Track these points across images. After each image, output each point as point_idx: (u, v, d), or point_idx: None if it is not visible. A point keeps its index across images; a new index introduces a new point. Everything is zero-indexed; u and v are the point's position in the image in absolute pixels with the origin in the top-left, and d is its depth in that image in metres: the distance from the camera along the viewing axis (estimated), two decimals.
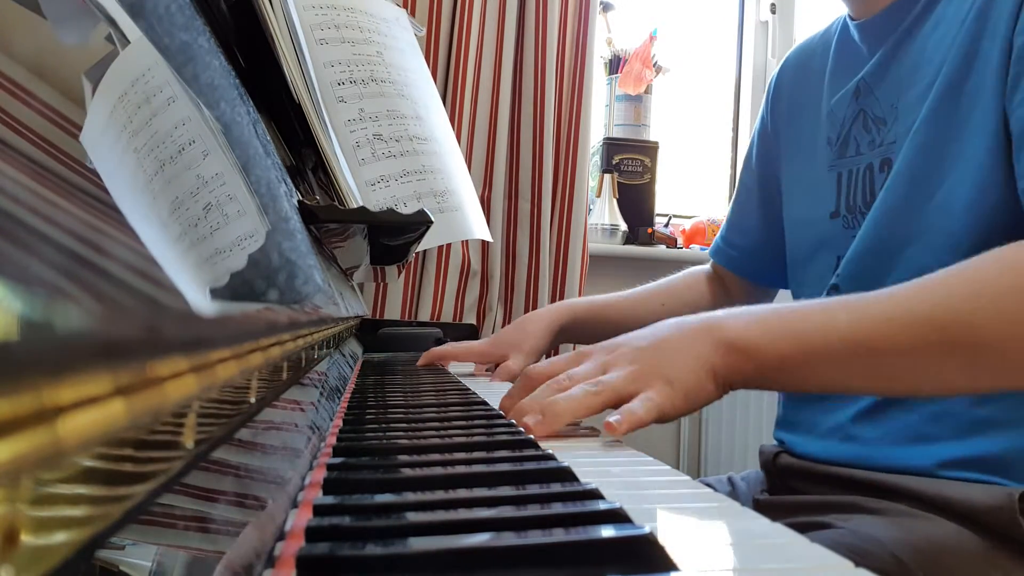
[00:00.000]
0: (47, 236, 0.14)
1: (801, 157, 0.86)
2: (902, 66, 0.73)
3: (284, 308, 0.33)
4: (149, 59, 0.31)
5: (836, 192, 0.78)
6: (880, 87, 0.75)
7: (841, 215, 0.78)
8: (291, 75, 0.69)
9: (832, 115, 0.81)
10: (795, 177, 0.87)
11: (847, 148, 0.78)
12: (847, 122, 0.78)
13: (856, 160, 0.76)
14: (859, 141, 0.77)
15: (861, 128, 0.76)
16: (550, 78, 1.75)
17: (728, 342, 0.53)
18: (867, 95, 0.76)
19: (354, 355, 0.98)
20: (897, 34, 0.73)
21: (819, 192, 0.80)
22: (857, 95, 0.78)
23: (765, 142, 0.96)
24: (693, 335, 0.54)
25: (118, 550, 0.16)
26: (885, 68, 0.75)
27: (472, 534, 0.26)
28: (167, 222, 0.25)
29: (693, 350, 0.53)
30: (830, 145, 0.80)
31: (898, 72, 0.73)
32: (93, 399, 0.13)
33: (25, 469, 0.11)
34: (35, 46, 0.23)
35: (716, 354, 0.53)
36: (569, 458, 0.38)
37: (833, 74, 0.83)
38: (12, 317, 0.10)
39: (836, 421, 0.74)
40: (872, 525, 0.63)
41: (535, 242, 1.77)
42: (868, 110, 0.76)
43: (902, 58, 0.73)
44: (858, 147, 0.77)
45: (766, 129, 0.95)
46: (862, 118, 0.77)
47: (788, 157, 0.90)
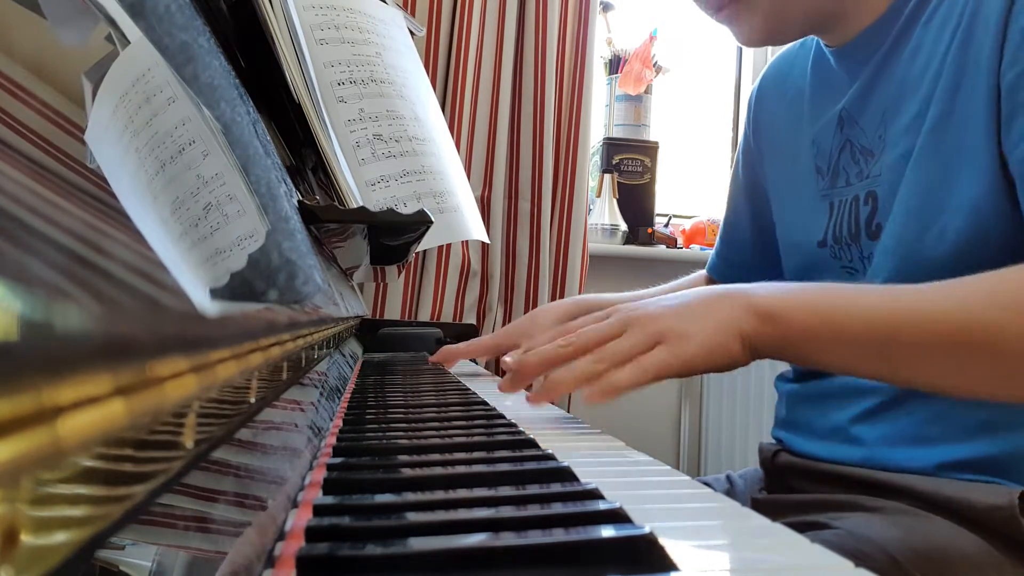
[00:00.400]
0: (47, 236, 0.14)
1: (789, 183, 0.85)
2: (885, 95, 0.71)
3: (284, 308, 0.33)
4: (149, 59, 0.31)
5: (827, 221, 0.77)
6: (864, 117, 0.73)
7: (828, 245, 0.77)
8: (291, 75, 0.69)
9: (818, 144, 0.79)
10: (785, 202, 0.86)
11: (838, 178, 0.77)
12: (834, 152, 0.77)
13: (846, 191, 0.75)
14: (848, 172, 0.75)
15: (849, 159, 0.75)
16: (550, 78, 1.75)
17: (756, 307, 0.56)
18: (851, 125, 0.75)
19: (354, 355, 0.98)
20: (876, 60, 0.72)
21: (810, 220, 0.79)
22: (841, 125, 0.76)
23: (750, 159, 0.95)
24: (720, 300, 0.57)
25: (118, 550, 0.16)
26: (867, 97, 0.73)
27: (472, 534, 0.26)
28: (167, 222, 0.25)
29: (720, 312, 0.56)
30: (820, 175, 0.79)
31: (881, 101, 0.72)
32: (93, 399, 0.13)
33: (25, 469, 0.11)
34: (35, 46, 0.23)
35: (744, 318, 0.55)
36: (569, 458, 0.38)
37: (813, 99, 0.81)
38: (12, 317, 0.10)
39: (836, 422, 0.74)
40: (870, 525, 0.63)
41: (535, 242, 1.77)
42: (854, 140, 0.74)
43: (884, 86, 0.71)
44: (847, 177, 0.75)
45: (749, 147, 0.95)
46: (849, 148, 0.75)
47: (775, 181, 0.89)
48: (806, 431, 0.78)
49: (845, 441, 0.72)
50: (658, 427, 2.03)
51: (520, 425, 0.51)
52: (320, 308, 0.45)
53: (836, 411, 0.74)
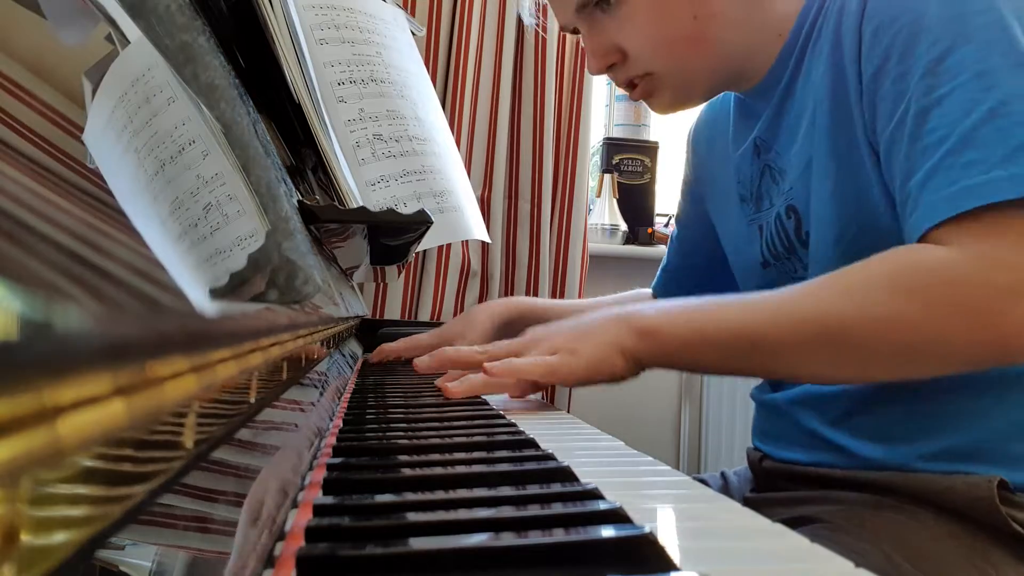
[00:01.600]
0: (47, 236, 0.14)
1: (726, 212, 0.90)
2: (790, 116, 0.76)
3: (284, 308, 0.33)
4: (149, 59, 0.31)
5: (760, 244, 0.82)
6: (776, 142, 0.78)
7: (770, 264, 0.81)
8: (291, 75, 0.69)
9: (740, 172, 0.85)
10: (727, 230, 0.91)
11: (762, 202, 0.82)
12: (755, 178, 0.82)
13: (770, 212, 0.80)
14: (771, 194, 0.80)
15: (770, 182, 0.80)
16: (550, 78, 1.75)
17: (636, 326, 0.63)
18: (766, 151, 0.80)
19: (354, 355, 0.98)
20: (780, 89, 0.77)
21: (746, 246, 0.84)
22: (758, 152, 0.81)
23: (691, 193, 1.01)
24: (607, 322, 0.65)
25: (118, 550, 0.16)
26: (776, 121, 0.78)
27: (472, 534, 0.26)
28: (167, 222, 0.25)
29: (606, 333, 0.64)
30: (744, 202, 0.84)
31: (787, 123, 0.77)
32: (93, 399, 0.13)
33: (25, 469, 0.11)
34: (35, 46, 0.23)
35: (627, 337, 0.63)
36: (569, 458, 0.38)
37: (734, 136, 0.87)
38: (12, 317, 0.10)
39: (809, 429, 0.75)
40: (861, 520, 0.65)
41: (535, 242, 1.77)
42: (771, 164, 0.79)
43: (788, 110, 0.76)
44: (771, 199, 0.80)
45: (690, 182, 1.01)
46: (768, 172, 0.80)
47: (716, 212, 0.94)
48: (784, 440, 0.79)
49: (822, 446, 0.74)
50: (658, 427, 2.03)
51: (520, 425, 0.51)
52: (320, 308, 0.45)
53: (808, 419, 0.75)
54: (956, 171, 0.58)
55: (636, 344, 0.63)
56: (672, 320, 0.63)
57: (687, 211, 1.02)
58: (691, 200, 1.00)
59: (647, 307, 0.66)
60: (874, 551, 0.60)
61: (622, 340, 0.63)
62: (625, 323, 0.64)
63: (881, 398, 0.70)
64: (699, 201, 0.98)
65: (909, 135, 0.61)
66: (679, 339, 0.63)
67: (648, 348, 0.63)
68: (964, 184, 0.57)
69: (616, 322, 0.64)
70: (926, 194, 0.59)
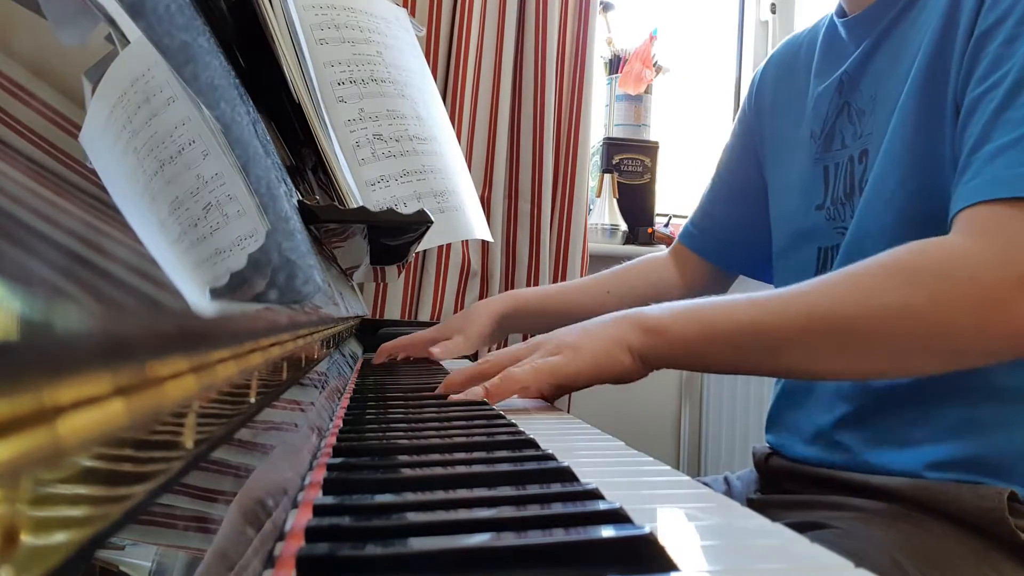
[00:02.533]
0: (47, 236, 0.14)
1: (786, 152, 0.86)
2: (883, 58, 0.73)
3: (284, 308, 0.33)
4: (149, 59, 0.31)
5: (824, 185, 0.79)
6: (863, 80, 0.76)
7: (826, 207, 0.78)
8: (291, 75, 0.69)
9: (816, 108, 0.81)
10: (781, 172, 0.88)
11: (832, 142, 0.79)
12: (831, 116, 0.79)
13: (841, 153, 0.77)
14: (844, 134, 0.77)
15: (846, 121, 0.77)
16: (550, 78, 1.75)
17: (642, 323, 0.63)
18: (851, 88, 0.77)
19: (354, 355, 0.98)
20: (882, 27, 0.74)
21: (807, 186, 0.81)
22: (840, 89, 0.78)
23: (744, 137, 0.97)
24: (615, 322, 0.64)
25: (118, 550, 0.16)
26: (867, 61, 0.75)
27: (472, 534, 0.26)
28: (167, 222, 0.25)
29: (613, 330, 0.63)
30: (813, 139, 0.81)
31: (879, 64, 0.74)
32: (93, 399, 0.13)
33: (25, 469, 0.11)
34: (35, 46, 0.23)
35: (633, 334, 0.63)
36: (569, 458, 0.38)
37: (818, 69, 0.84)
38: (12, 317, 0.10)
39: (819, 426, 0.74)
40: (867, 525, 0.64)
41: (535, 242, 1.77)
42: (852, 102, 0.77)
43: (884, 50, 0.74)
44: (843, 140, 0.77)
45: (746, 123, 0.97)
46: (846, 111, 0.77)
47: (772, 153, 0.90)
48: (793, 433, 0.79)
49: (830, 445, 0.73)
50: (658, 427, 2.03)
51: (520, 425, 0.51)
52: (320, 308, 0.45)
53: (820, 415, 0.75)
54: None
55: (643, 341, 0.62)
56: (679, 317, 0.63)
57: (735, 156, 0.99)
58: (743, 144, 0.97)
59: (653, 307, 0.65)
60: (880, 556, 0.60)
61: (628, 338, 0.62)
62: (631, 321, 0.63)
63: (892, 402, 0.69)
64: (753, 143, 0.95)
65: (997, 103, 0.59)
66: (686, 336, 0.62)
67: (655, 345, 0.62)
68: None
69: (622, 320, 0.64)
70: (992, 167, 0.57)
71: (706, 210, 1.03)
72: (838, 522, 0.65)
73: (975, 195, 0.57)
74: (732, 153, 1.00)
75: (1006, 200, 0.56)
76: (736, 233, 0.98)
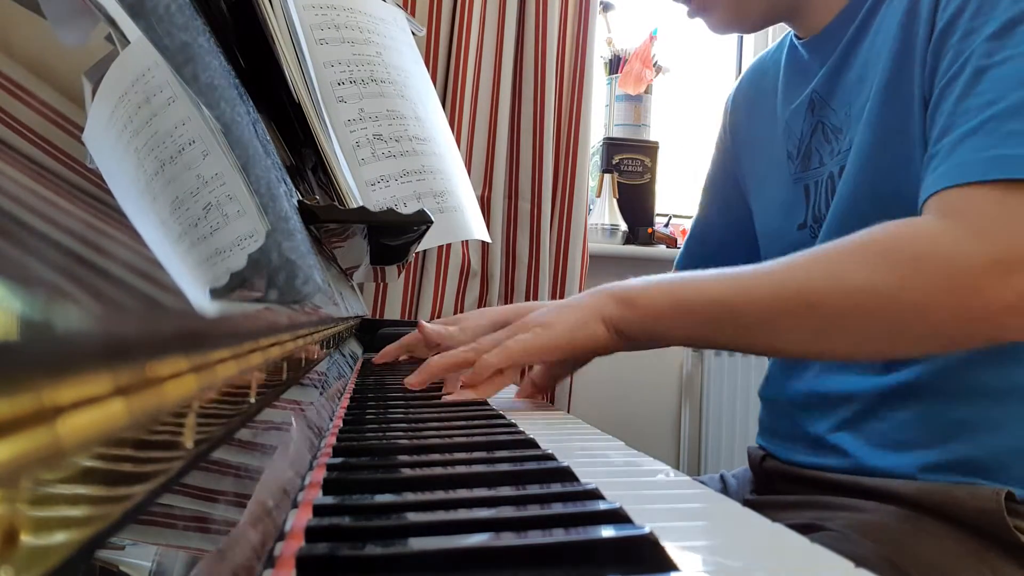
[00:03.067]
0: (47, 236, 0.14)
1: (765, 174, 0.87)
2: (850, 74, 0.74)
3: (284, 308, 0.33)
4: (149, 59, 0.31)
5: (805, 204, 0.79)
6: (833, 98, 0.76)
7: (808, 225, 0.79)
8: (291, 75, 0.69)
9: (789, 129, 0.82)
10: (761, 193, 0.88)
11: (810, 160, 0.79)
12: (806, 135, 0.79)
13: (820, 171, 0.77)
14: (821, 152, 0.77)
15: (821, 139, 0.77)
16: (550, 78, 1.75)
17: (616, 295, 0.64)
18: (822, 107, 0.77)
19: (354, 355, 0.98)
20: (844, 42, 0.74)
21: (788, 206, 0.82)
22: (812, 108, 0.79)
23: (723, 160, 0.98)
24: (590, 294, 0.66)
25: (118, 550, 0.16)
26: (835, 79, 0.75)
27: (472, 534, 0.26)
28: (167, 222, 0.25)
29: (587, 303, 0.65)
30: (791, 159, 0.81)
31: (848, 80, 0.74)
32: (93, 399, 0.13)
33: (25, 469, 0.11)
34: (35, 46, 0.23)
35: (606, 304, 0.64)
36: (569, 458, 0.38)
37: (785, 89, 0.84)
38: (12, 317, 0.10)
39: (815, 432, 0.74)
40: (864, 526, 0.64)
41: (535, 242, 1.77)
42: (825, 121, 0.77)
43: (850, 66, 0.74)
44: (821, 158, 0.77)
45: (724, 149, 0.97)
46: (821, 129, 0.78)
47: (751, 175, 0.91)
48: (788, 439, 0.78)
49: (826, 450, 0.73)
50: (658, 427, 2.03)
51: (520, 425, 0.51)
52: (320, 308, 0.45)
53: (814, 422, 0.74)
54: (995, 138, 0.56)
55: (616, 312, 0.63)
56: (651, 290, 0.64)
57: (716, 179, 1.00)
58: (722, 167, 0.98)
59: (630, 281, 0.66)
60: (878, 556, 0.60)
61: (603, 309, 0.63)
62: (606, 293, 0.65)
63: (889, 403, 0.69)
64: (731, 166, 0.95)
65: (959, 93, 0.60)
66: (657, 308, 0.63)
67: (628, 316, 0.63)
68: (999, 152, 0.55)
69: (599, 292, 0.65)
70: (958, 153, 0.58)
71: (695, 234, 1.05)
72: (834, 523, 0.65)
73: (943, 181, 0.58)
74: (714, 177, 1.01)
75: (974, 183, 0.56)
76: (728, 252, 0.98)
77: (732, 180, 0.95)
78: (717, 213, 1.00)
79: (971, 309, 0.53)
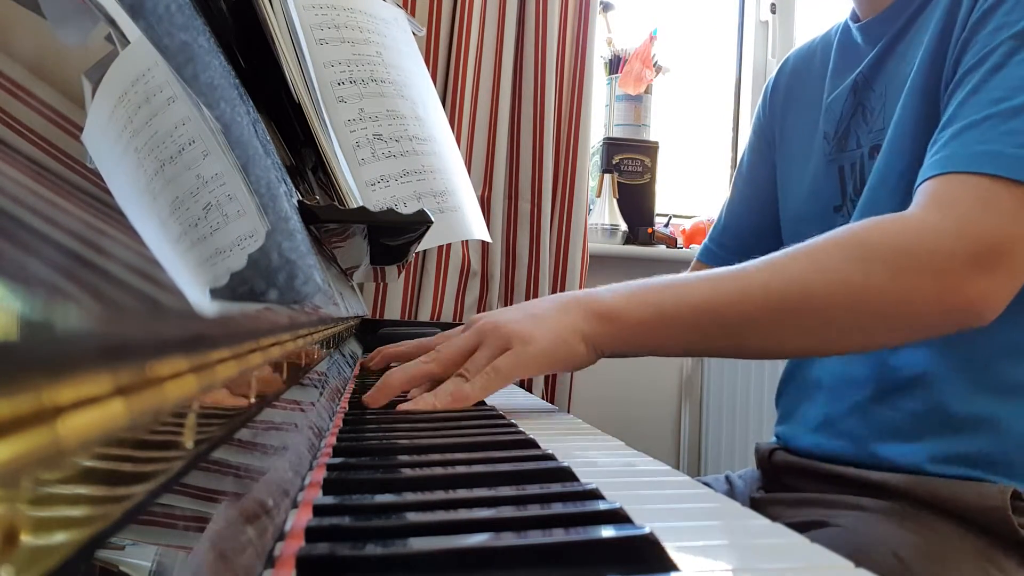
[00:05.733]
0: (47, 236, 0.14)
1: (799, 154, 0.87)
2: (895, 58, 0.75)
3: (284, 308, 0.33)
4: (149, 59, 0.31)
5: (840, 185, 0.79)
6: (876, 80, 0.76)
7: (845, 208, 0.79)
8: (291, 75, 0.69)
9: (830, 110, 0.82)
10: (794, 174, 0.88)
11: (847, 141, 0.79)
12: (846, 116, 0.79)
13: (856, 152, 0.78)
14: (858, 133, 0.78)
15: (860, 120, 0.78)
16: (550, 78, 1.75)
17: (595, 310, 0.60)
18: (864, 89, 0.78)
19: (354, 355, 0.98)
20: (896, 29, 0.75)
21: (821, 187, 0.81)
22: (855, 90, 0.79)
23: (760, 144, 0.96)
24: (565, 306, 0.61)
25: (118, 550, 0.16)
26: (881, 62, 0.76)
27: (472, 534, 0.26)
28: (167, 222, 0.25)
29: (564, 317, 0.60)
30: (827, 140, 0.81)
31: (891, 65, 0.75)
32: (93, 399, 0.13)
33: (25, 469, 0.11)
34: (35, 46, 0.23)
35: (585, 321, 0.60)
36: (569, 458, 0.38)
37: (833, 72, 0.84)
38: (12, 317, 0.10)
39: (827, 414, 0.75)
40: (869, 524, 0.64)
41: (535, 242, 1.77)
42: (865, 103, 0.77)
43: (896, 51, 0.75)
44: (858, 139, 0.78)
45: (761, 131, 0.96)
46: (860, 111, 0.78)
47: (786, 155, 0.90)
48: (801, 422, 0.79)
49: (836, 434, 0.73)
50: (658, 427, 2.03)
51: (520, 425, 0.51)
52: (320, 308, 0.45)
53: (827, 403, 0.75)
54: (992, 133, 0.57)
55: (596, 329, 0.59)
56: (632, 301, 0.60)
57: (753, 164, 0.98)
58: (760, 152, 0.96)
59: (604, 290, 0.62)
60: (883, 554, 0.60)
61: (581, 325, 0.59)
62: (582, 307, 0.60)
63: (899, 393, 0.69)
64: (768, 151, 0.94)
65: (972, 85, 0.61)
66: (640, 321, 0.60)
67: (608, 333, 0.60)
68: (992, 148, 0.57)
69: (573, 305, 0.61)
70: (955, 143, 0.59)
71: (726, 224, 1.02)
72: (841, 520, 0.65)
73: (935, 168, 0.59)
74: (750, 162, 0.99)
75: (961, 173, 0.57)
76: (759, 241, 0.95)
77: (769, 165, 0.94)
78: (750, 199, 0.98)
79: (952, 300, 0.55)
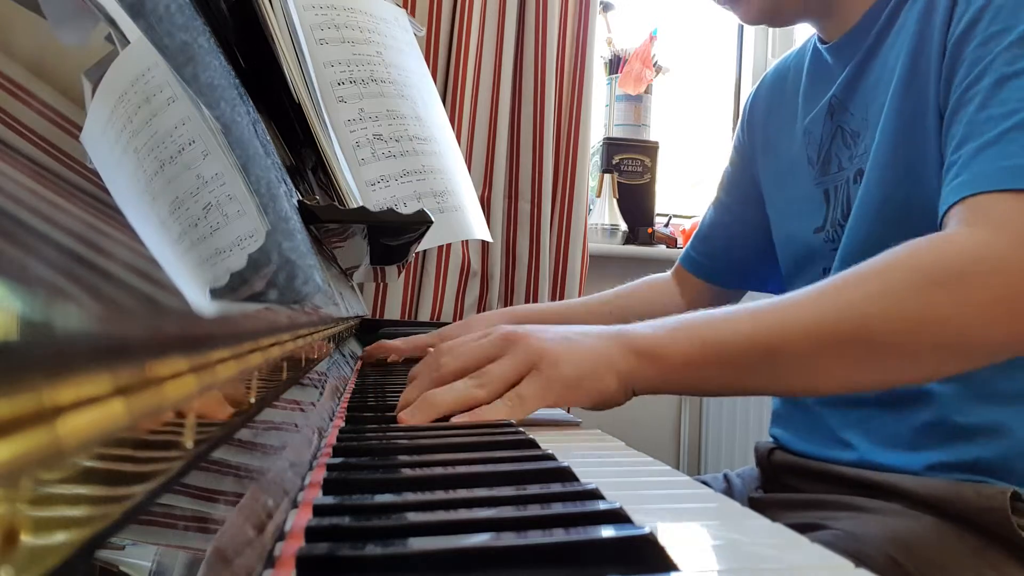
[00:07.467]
0: (47, 236, 0.14)
1: (784, 177, 0.87)
2: (869, 78, 0.74)
3: (284, 308, 0.33)
4: (149, 59, 0.31)
5: (824, 208, 0.79)
6: (852, 102, 0.76)
7: (825, 230, 0.79)
8: (291, 75, 0.69)
9: (809, 134, 0.82)
10: (780, 197, 0.88)
11: (830, 165, 0.79)
12: (826, 140, 0.79)
13: (839, 176, 0.78)
14: (840, 157, 0.78)
15: (841, 144, 0.78)
16: (550, 78, 1.75)
17: (634, 347, 0.55)
18: (841, 112, 0.78)
19: (354, 355, 0.98)
20: (865, 47, 0.74)
21: (807, 210, 0.81)
22: (831, 113, 0.79)
23: (741, 162, 0.97)
24: (602, 339, 0.56)
25: (118, 550, 0.16)
26: (854, 83, 0.76)
27: (472, 534, 0.26)
28: (167, 222, 0.25)
29: (598, 350, 0.54)
30: (811, 164, 0.82)
31: (866, 85, 0.74)
32: (93, 399, 0.13)
33: (25, 469, 0.11)
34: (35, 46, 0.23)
35: (622, 358, 0.54)
36: (569, 458, 0.38)
37: (806, 94, 0.84)
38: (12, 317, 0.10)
39: (827, 427, 0.75)
40: (868, 524, 0.64)
41: (535, 242, 1.77)
42: (845, 126, 0.77)
43: (869, 71, 0.74)
44: (840, 163, 0.78)
45: (742, 149, 0.97)
46: (840, 134, 0.78)
47: (771, 178, 0.91)
48: (800, 430, 0.79)
49: (837, 444, 0.73)
50: (658, 427, 2.03)
51: (520, 425, 0.51)
52: (320, 308, 0.45)
53: (827, 417, 0.75)
54: (1013, 148, 0.56)
55: (633, 366, 0.54)
56: (676, 338, 0.55)
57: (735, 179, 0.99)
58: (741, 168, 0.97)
59: (641, 326, 0.57)
60: (881, 555, 0.60)
61: (616, 360, 0.54)
62: (621, 342, 0.55)
63: (901, 406, 0.69)
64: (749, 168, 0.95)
65: (979, 101, 0.59)
66: (685, 358, 0.54)
67: (646, 370, 0.55)
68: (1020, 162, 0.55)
69: (610, 339, 0.56)
70: (978, 163, 0.57)
71: (706, 234, 1.04)
72: (840, 521, 0.65)
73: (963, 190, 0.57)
74: (731, 177, 1.01)
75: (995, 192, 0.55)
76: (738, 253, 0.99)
77: (750, 180, 0.95)
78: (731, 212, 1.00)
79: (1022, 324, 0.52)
